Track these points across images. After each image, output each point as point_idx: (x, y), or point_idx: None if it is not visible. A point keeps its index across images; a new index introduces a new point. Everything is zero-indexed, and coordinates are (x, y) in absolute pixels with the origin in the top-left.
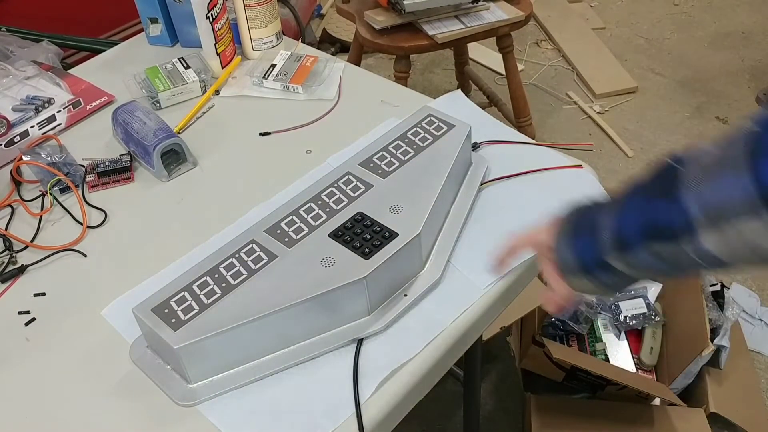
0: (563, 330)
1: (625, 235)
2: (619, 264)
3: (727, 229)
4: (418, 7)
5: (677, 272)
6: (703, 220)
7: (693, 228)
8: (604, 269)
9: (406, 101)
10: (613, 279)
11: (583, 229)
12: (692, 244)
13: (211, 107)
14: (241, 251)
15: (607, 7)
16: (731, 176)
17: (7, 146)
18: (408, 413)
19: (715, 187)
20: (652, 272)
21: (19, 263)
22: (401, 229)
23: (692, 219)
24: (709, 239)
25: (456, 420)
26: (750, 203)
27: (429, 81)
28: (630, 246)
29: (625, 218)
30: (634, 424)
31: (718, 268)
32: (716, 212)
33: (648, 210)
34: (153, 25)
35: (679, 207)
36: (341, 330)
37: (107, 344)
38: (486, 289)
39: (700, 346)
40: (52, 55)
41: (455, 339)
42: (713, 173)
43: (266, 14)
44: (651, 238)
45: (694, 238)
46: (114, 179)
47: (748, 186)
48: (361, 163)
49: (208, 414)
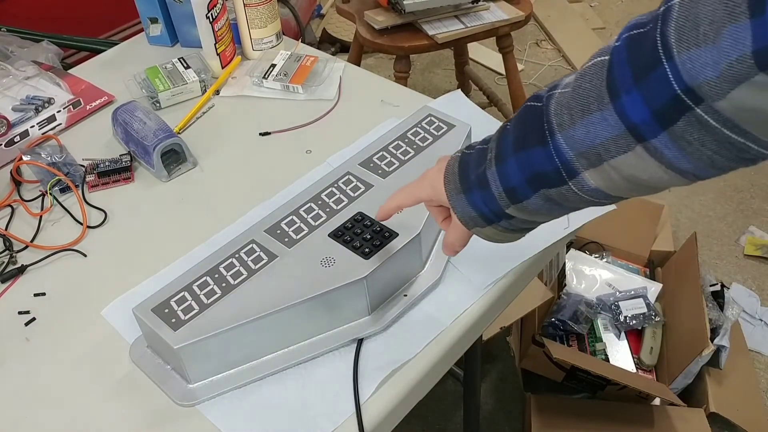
0: (563, 330)
1: (514, 188)
2: (517, 212)
3: (605, 166)
4: (418, 7)
5: (572, 209)
6: (581, 162)
7: (575, 170)
8: (505, 218)
9: (406, 101)
10: (515, 224)
11: (473, 184)
12: (578, 185)
13: (211, 107)
14: (241, 251)
15: (607, 7)
16: (597, 116)
17: (7, 146)
18: (408, 413)
19: (585, 128)
20: (549, 214)
21: (19, 263)
22: (401, 229)
23: (571, 162)
24: (593, 177)
25: (456, 420)
26: (620, 139)
27: (429, 81)
28: (522, 197)
29: (509, 172)
30: (634, 424)
31: (607, 200)
32: (591, 152)
33: (528, 160)
34: (153, 25)
35: (555, 152)
36: (341, 330)
37: (107, 344)
38: (486, 289)
39: (700, 346)
40: (52, 55)
41: (455, 339)
42: (580, 114)
43: (266, 14)
44: (539, 186)
45: (578, 179)
46: (114, 179)
47: (615, 122)
48: (361, 163)
49: (208, 414)
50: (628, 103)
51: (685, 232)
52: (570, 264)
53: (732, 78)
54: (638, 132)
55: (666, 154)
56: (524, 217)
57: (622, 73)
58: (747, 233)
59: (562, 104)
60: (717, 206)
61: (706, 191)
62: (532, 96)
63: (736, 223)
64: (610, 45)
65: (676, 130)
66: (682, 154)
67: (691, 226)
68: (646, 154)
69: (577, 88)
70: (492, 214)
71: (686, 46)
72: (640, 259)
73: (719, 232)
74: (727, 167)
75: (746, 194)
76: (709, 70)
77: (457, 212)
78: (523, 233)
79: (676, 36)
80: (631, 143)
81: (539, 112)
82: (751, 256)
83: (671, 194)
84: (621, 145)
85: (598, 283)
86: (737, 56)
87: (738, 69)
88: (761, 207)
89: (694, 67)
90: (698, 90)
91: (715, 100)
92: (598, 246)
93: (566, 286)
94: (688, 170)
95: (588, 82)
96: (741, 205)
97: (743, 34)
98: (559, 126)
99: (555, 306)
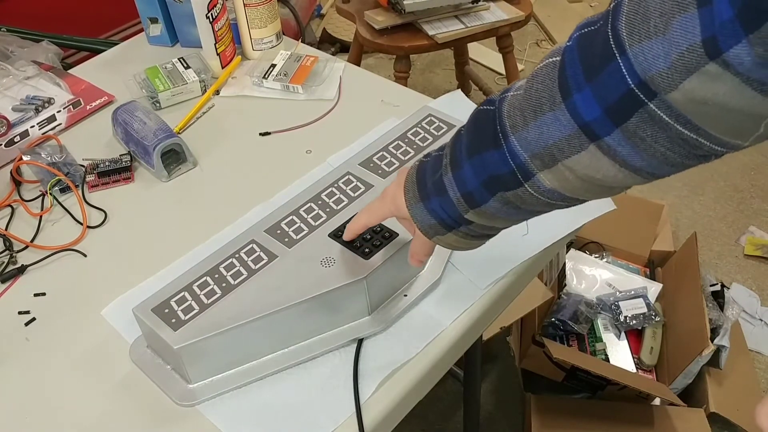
0: (563, 330)
1: (471, 192)
2: (476, 217)
3: (559, 166)
4: (418, 7)
5: (531, 213)
6: (536, 163)
7: (530, 171)
8: (465, 224)
9: (406, 101)
10: (474, 229)
11: (431, 191)
12: (534, 186)
13: (211, 107)
14: (241, 251)
15: (606, 8)
16: (549, 116)
17: (7, 146)
18: (408, 413)
19: (537, 129)
20: (508, 218)
21: (19, 263)
22: (401, 229)
23: (525, 164)
24: (548, 178)
25: (456, 420)
26: (572, 138)
27: (429, 81)
28: (480, 201)
29: (465, 177)
30: (634, 424)
31: (564, 202)
32: (545, 153)
33: (482, 164)
34: (153, 25)
35: (509, 154)
36: (341, 330)
37: (107, 344)
38: (486, 289)
39: (700, 346)
40: (52, 55)
41: (455, 339)
42: (532, 115)
43: (266, 14)
44: (496, 189)
45: (534, 181)
46: (114, 179)
47: (568, 122)
48: (361, 163)
49: (208, 414)
50: (579, 101)
51: (685, 232)
52: (570, 264)
53: (683, 68)
54: (591, 130)
55: (619, 151)
56: (483, 222)
57: (574, 71)
58: (747, 233)
59: (514, 106)
60: (717, 206)
61: (706, 191)
62: (485, 100)
63: (736, 223)
64: (562, 45)
65: (629, 126)
66: (636, 151)
67: (691, 226)
68: (600, 153)
69: (529, 90)
70: (451, 221)
71: (638, 38)
72: (640, 259)
73: (719, 232)
74: (680, 164)
75: (746, 194)
76: (660, 61)
77: (417, 221)
78: (485, 239)
79: (627, 30)
80: (584, 142)
81: (492, 115)
82: (751, 256)
83: (671, 194)
84: (574, 144)
85: (598, 283)
86: (687, 46)
87: (688, 58)
88: (761, 207)
89: (647, 59)
90: (651, 83)
91: (667, 92)
92: (598, 246)
93: (566, 286)
94: (642, 168)
95: (540, 83)
96: (741, 205)
97: (692, 24)
98: (512, 128)
99: (555, 306)
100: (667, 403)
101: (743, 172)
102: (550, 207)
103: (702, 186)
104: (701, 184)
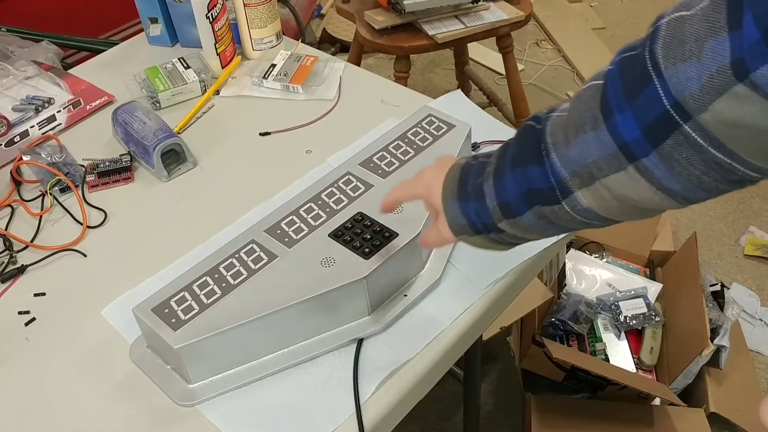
0: (563, 330)
1: (508, 203)
2: (509, 227)
3: (597, 185)
4: (418, 7)
5: (564, 229)
6: (575, 181)
7: (568, 189)
8: (495, 231)
9: (406, 101)
10: (504, 238)
11: (470, 194)
12: (571, 204)
13: (211, 107)
14: (241, 251)
15: (607, 8)
16: (591, 135)
17: (7, 146)
18: (408, 413)
19: (579, 148)
20: (542, 232)
21: (19, 263)
22: (401, 229)
23: (565, 181)
24: (585, 197)
25: (456, 420)
26: (612, 158)
27: (429, 81)
28: (516, 213)
29: (506, 187)
30: (634, 424)
31: (598, 222)
32: (584, 171)
33: (524, 177)
34: (153, 25)
35: (551, 171)
36: (341, 330)
37: (107, 344)
38: (486, 289)
39: (700, 346)
40: (52, 55)
41: (455, 339)
42: (574, 134)
43: (266, 14)
44: (533, 203)
45: (571, 199)
46: (114, 179)
47: (608, 142)
48: (361, 163)
49: (208, 414)
50: (620, 121)
51: (685, 232)
52: (570, 264)
53: (713, 89)
54: (630, 151)
55: (656, 173)
56: (515, 233)
57: (615, 93)
58: (747, 233)
59: (558, 125)
60: (717, 206)
61: None
62: (532, 117)
63: (736, 223)
64: (604, 69)
65: (666, 148)
66: (672, 174)
67: (691, 226)
68: (638, 174)
69: (573, 110)
70: (483, 226)
71: (672, 62)
72: (640, 259)
73: (719, 232)
74: (715, 189)
75: (746, 194)
76: (693, 83)
77: (448, 217)
78: (510, 247)
79: (663, 53)
80: (623, 163)
81: (537, 132)
82: (751, 256)
83: None
84: (613, 164)
85: (598, 283)
86: (717, 68)
87: (718, 80)
88: (761, 207)
89: (680, 81)
90: (684, 104)
91: (699, 114)
92: (598, 246)
93: (566, 286)
94: (678, 191)
95: (583, 103)
96: (741, 205)
97: (722, 47)
98: (554, 145)
99: (555, 306)
100: (667, 403)
101: None
102: (584, 226)
103: None
104: None
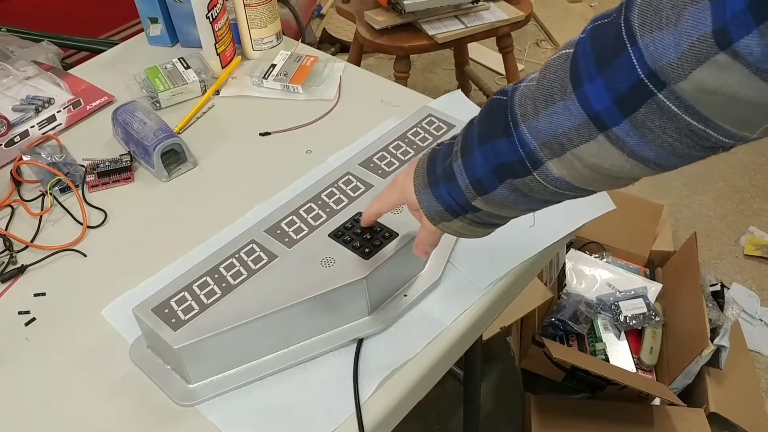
0: (563, 330)
1: (480, 179)
2: (483, 205)
3: (568, 155)
4: (418, 7)
5: (539, 201)
6: (545, 152)
7: (538, 159)
8: (471, 210)
9: (406, 101)
10: (481, 217)
11: (440, 177)
12: (542, 174)
13: (211, 107)
14: (241, 251)
15: (606, 8)
16: (560, 106)
17: (7, 146)
18: (408, 413)
19: (548, 119)
20: (516, 206)
21: (19, 263)
22: (401, 229)
23: (534, 152)
24: (556, 167)
25: (456, 420)
26: (582, 128)
27: (429, 81)
28: (488, 187)
29: (475, 164)
30: (634, 424)
31: (572, 192)
32: (554, 142)
33: (493, 152)
34: (153, 25)
35: (519, 142)
36: (341, 330)
37: (107, 344)
38: (486, 289)
39: (700, 346)
40: (52, 55)
41: (455, 339)
42: (543, 104)
43: (266, 14)
44: (504, 176)
45: (542, 169)
46: (114, 179)
47: (577, 112)
48: (361, 163)
49: (208, 414)
50: (590, 91)
51: (685, 232)
52: (570, 264)
53: (693, 58)
54: (600, 120)
55: (627, 141)
56: (491, 210)
57: (586, 62)
58: (747, 233)
59: (526, 96)
60: (717, 206)
61: (706, 191)
62: (498, 91)
63: (736, 223)
64: (576, 38)
65: (638, 117)
66: (644, 141)
67: (691, 226)
68: (608, 143)
69: (541, 80)
70: (458, 207)
71: (649, 29)
72: (640, 259)
73: (719, 232)
74: (688, 155)
75: (746, 194)
76: (671, 51)
77: (424, 207)
78: (492, 228)
79: (639, 21)
80: (593, 132)
81: (504, 105)
82: (751, 256)
83: (671, 194)
84: (583, 134)
85: (598, 283)
86: (698, 36)
87: (699, 48)
88: (761, 207)
89: (657, 49)
90: (660, 73)
91: (677, 82)
92: (598, 246)
93: (566, 286)
94: (650, 158)
95: (552, 73)
96: (741, 205)
97: (703, 15)
98: (522, 116)
99: (555, 306)
100: (667, 403)
101: (743, 172)
102: (558, 197)
103: (702, 186)
104: (701, 184)
